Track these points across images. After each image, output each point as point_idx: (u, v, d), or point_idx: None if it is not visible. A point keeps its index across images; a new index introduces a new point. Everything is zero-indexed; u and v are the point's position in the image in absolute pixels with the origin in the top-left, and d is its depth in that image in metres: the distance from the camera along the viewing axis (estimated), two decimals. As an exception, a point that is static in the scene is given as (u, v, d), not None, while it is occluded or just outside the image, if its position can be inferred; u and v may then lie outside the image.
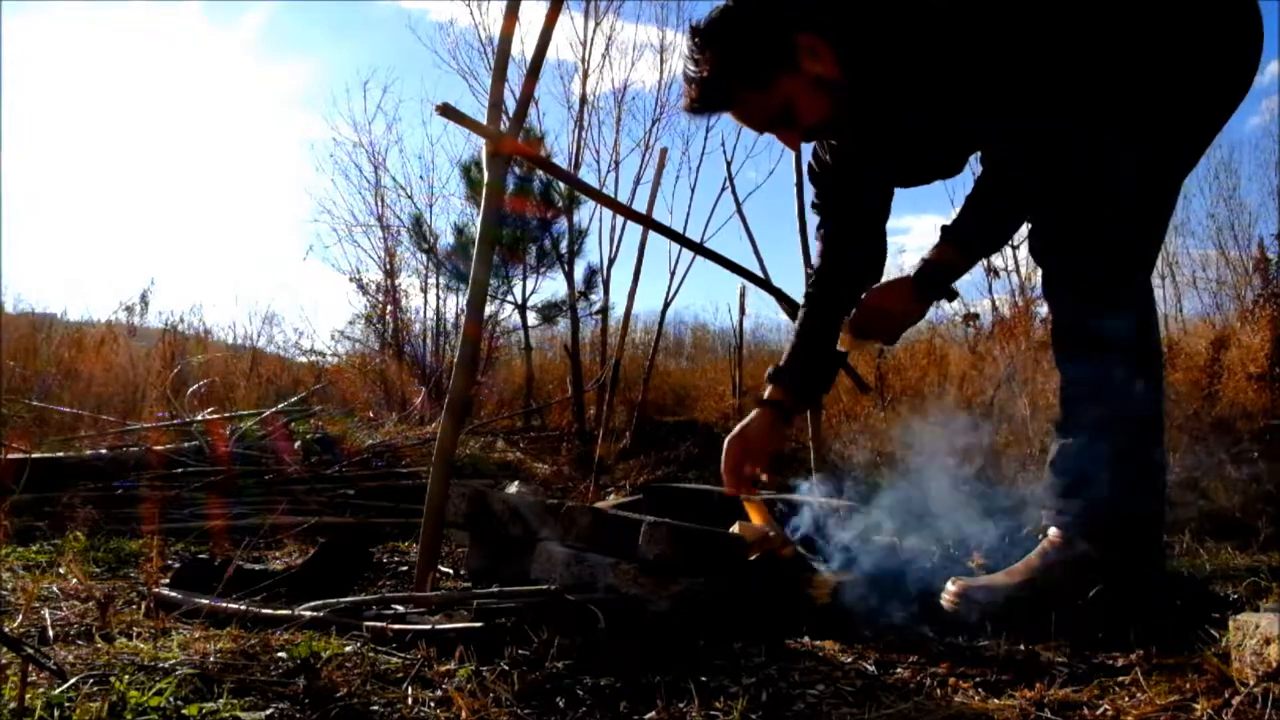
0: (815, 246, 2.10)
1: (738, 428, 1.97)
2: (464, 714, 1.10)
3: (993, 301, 6.95)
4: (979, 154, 1.95)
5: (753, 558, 1.77)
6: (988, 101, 1.67)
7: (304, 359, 8.15)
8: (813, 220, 2.11)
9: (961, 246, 1.74)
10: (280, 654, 1.27)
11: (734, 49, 1.70)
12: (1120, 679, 1.31)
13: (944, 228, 1.74)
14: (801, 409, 2.18)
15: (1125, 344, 1.71)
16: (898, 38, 1.67)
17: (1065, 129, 1.64)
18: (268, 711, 1.07)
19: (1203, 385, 4.21)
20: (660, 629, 1.52)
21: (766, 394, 1.99)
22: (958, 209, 1.77)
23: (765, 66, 1.70)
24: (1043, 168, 1.68)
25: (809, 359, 2.01)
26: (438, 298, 7.94)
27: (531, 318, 7.69)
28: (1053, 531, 1.75)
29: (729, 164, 5.34)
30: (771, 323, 10.99)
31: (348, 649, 1.32)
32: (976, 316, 5.13)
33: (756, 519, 1.91)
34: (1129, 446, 1.70)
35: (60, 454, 3.14)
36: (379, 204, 7.89)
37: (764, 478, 1.97)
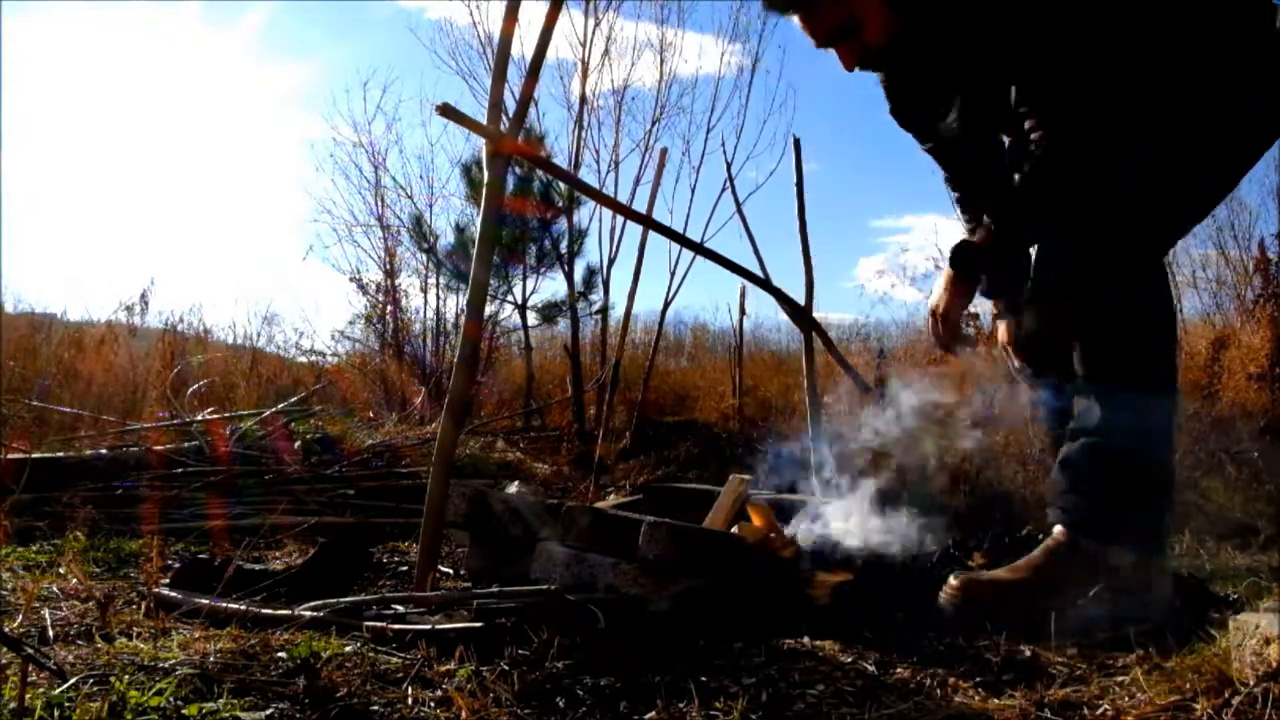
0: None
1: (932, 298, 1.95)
2: (464, 714, 1.10)
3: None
4: None
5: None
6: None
7: (304, 359, 8.13)
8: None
9: (992, 226, 1.79)
10: (280, 654, 1.27)
11: None
12: (1120, 679, 1.31)
13: None
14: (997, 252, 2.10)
15: (1133, 345, 1.71)
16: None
17: (1067, 129, 1.64)
18: (268, 711, 1.07)
19: (1203, 385, 4.21)
20: (660, 629, 1.52)
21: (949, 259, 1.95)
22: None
23: None
24: (1044, 167, 1.67)
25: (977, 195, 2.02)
26: (438, 298, 7.92)
27: (531, 318, 7.68)
28: (1057, 530, 1.75)
29: (729, 165, 5.36)
30: (771, 323, 10.97)
31: (348, 649, 1.32)
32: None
33: (757, 520, 1.91)
34: (1137, 447, 1.69)
35: (60, 454, 3.14)
36: (379, 204, 7.87)
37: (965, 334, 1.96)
